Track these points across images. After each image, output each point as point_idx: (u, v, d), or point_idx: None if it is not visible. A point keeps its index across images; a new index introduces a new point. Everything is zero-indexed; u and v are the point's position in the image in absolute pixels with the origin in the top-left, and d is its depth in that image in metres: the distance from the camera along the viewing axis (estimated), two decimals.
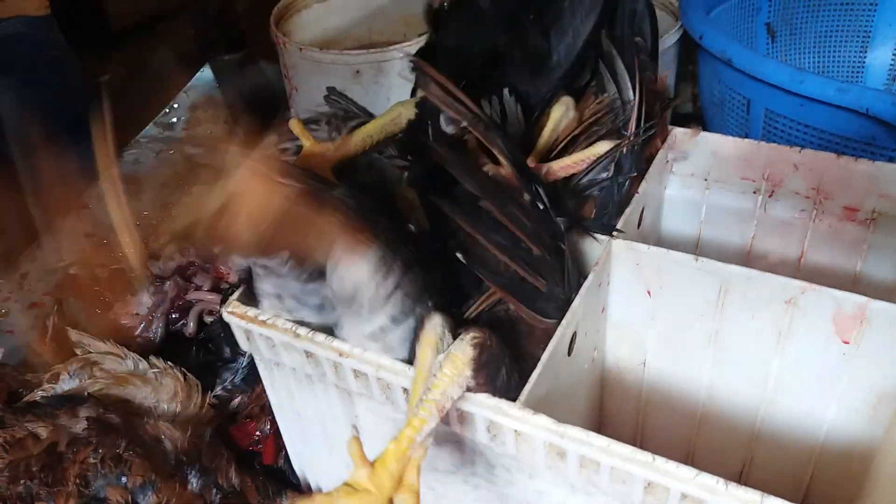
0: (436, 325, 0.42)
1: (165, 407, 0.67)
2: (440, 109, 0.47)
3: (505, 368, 0.42)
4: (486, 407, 0.41)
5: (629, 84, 0.55)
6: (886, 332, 0.46)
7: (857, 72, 1.06)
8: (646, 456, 0.37)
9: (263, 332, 0.48)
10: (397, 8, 1.10)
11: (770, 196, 0.62)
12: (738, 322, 0.51)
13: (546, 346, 0.44)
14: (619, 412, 0.60)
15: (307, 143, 0.51)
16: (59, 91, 1.24)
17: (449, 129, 0.50)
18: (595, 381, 0.58)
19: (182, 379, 0.69)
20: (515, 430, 0.41)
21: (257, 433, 0.64)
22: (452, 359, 0.40)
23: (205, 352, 0.75)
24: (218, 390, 0.70)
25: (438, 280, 0.45)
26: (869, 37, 1.05)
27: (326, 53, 0.89)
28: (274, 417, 0.61)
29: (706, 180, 0.63)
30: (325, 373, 0.47)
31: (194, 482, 0.57)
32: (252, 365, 0.69)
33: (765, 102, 0.74)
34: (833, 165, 0.58)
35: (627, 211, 0.54)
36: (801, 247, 0.62)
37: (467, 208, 0.45)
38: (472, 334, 0.41)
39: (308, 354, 0.47)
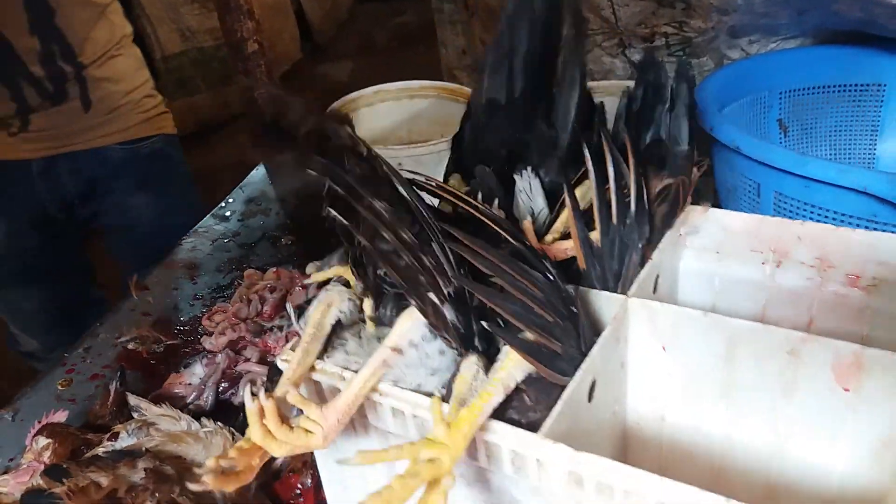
0: (472, 362, 0.48)
1: None
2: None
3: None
4: (510, 438, 0.46)
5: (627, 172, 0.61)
6: (883, 379, 0.50)
7: (869, 163, 1.12)
8: (654, 478, 0.41)
9: (314, 376, 0.53)
10: (434, 112, 1.21)
11: (778, 266, 0.66)
12: (746, 374, 0.55)
13: None
14: (641, 467, 0.63)
15: None
16: (186, 204, 1.38)
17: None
18: (618, 435, 0.61)
19: (231, 438, 0.74)
20: (537, 460, 0.45)
21: (299, 486, 0.68)
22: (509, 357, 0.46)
23: None
24: None
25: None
26: (878, 129, 1.12)
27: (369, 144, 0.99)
28: (315, 471, 0.66)
29: (718, 253, 0.69)
30: (365, 413, 0.52)
31: None
32: None
33: (773, 186, 0.80)
34: (833, 236, 0.63)
35: (641, 275, 0.59)
36: (809, 313, 0.66)
37: (484, 282, 0.51)
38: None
39: None
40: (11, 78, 1.22)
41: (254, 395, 0.49)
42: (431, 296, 0.47)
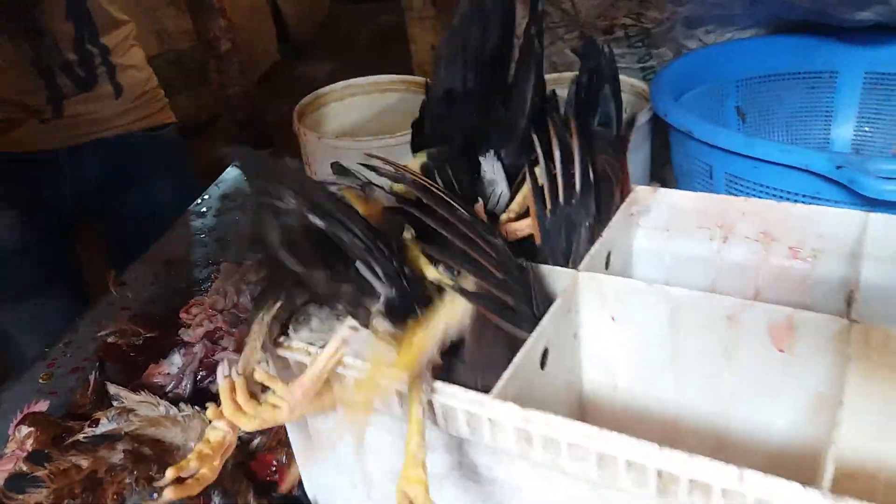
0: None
1: (192, 445, 0.74)
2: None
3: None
4: (464, 400, 0.49)
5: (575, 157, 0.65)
6: (814, 339, 0.53)
7: (824, 147, 1.16)
8: (593, 429, 0.44)
9: (281, 353, 0.56)
10: (404, 106, 1.24)
11: (724, 241, 0.70)
12: (690, 340, 0.58)
13: None
14: None
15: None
16: (198, 190, 1.40)
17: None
18: (574, 403, 0.64)
19: (208, 422, 0.77)
20: (490, 419, 0.48)
21: (274, 463, 0.71)
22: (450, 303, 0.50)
23: None
24: (240, 432, 0.78)
25: None
26: (831, 115, 1.16)
27: (341, 140, 1.02)
28: (290, 449, 0.69)
29: (668, 231, 0.72)
30: (332, 387, 0.55)
31: (216, 500, 0.64)
32: None
33: (724, 167, 0.84)
34: (774, 210, 0.67)
35: (591, 251, 0.63)
36: (755, 285, 0.70)
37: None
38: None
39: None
40: (48, 67, 1.24)
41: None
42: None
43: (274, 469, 0.71)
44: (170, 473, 0.49)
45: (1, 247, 1.31)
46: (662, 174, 1.08)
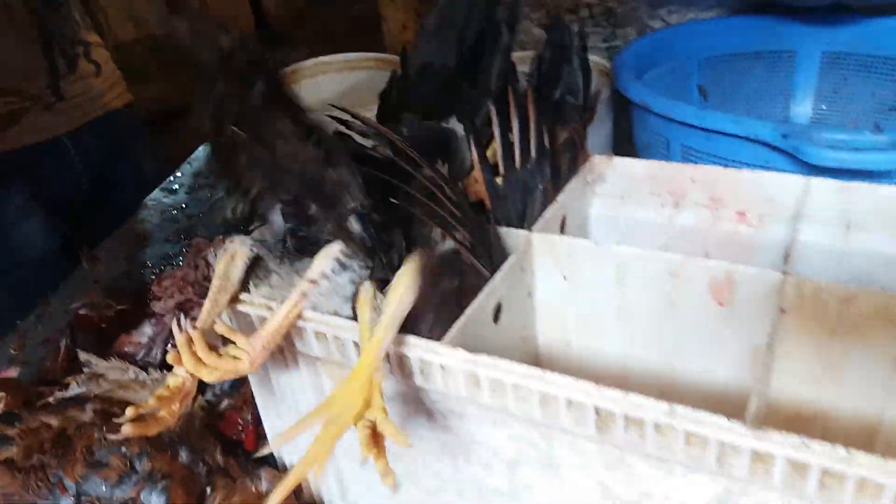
0: (368, 288, 0.54)
1: None
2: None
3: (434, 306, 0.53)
4: (417, 348, 0.51)
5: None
6: (750, 293, 0.56)
7: (786, 123, 1.20)
8: (535, 370, 0.47)
9: (241, 309, 0.58)
10: (374, 83, 1.26)
11: (675, 207, 0.73)
12: (636, 296, 0.61)
13: None
14: None
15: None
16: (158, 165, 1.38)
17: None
18: (530, 360, 0.67)
19: None
20: (441, 365, 0.51)
21: (240, 422, 0.73)
22: (399, 278, 0.51)
23: None
24: (208, 396, 0.80)
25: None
26: (790, 93, 1.20)
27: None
28: (255, 407, 0.71)
29: (622, 198, 0.75)
30: (293, 340, 0.57)
31: (184, 456, 0.66)
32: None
33: (680, 139, 0.87)
34: (723, 176, 0.70)
35: (546, 214, 0.65)
36: (705, 249, 0.73)
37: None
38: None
39: None
40: (49, 45, 1.22)
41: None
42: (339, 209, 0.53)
43: (241, 428, 0.73)
44: (129, 411, 0.51)
45: (26, 247, 1.28)
46: (625, 151, 1.11)
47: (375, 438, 0.48)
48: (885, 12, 1.12)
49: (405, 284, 0.52)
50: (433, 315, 0.54)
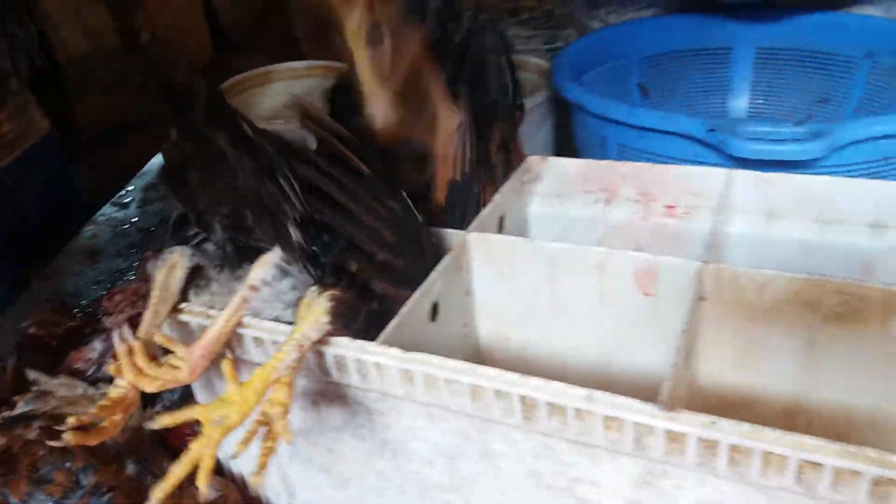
0: (313, 290, 0.55)
1: None
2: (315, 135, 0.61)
3: (364, 318, 0.54)
4: (353, 348, 0.53)
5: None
6: (673, 282, 0.59)
7: (722, 119, 1.23)
8: (466, 364, 0.48)
9: (181, 318, 0.59)
10: (323, 90, 1.27)
11: (608, 204, 0.75)
12: (567, 290, 0.63)
13: None
14: None
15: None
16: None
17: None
18: (472, 357, 0.69)
19: None
20: (376, 364, 0.52)
21: (187, 430, 0.74)
22: (312, 310, 0.52)
23: None
24: (158, 407, 0.80)
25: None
26: (728, 90, 1.24)
27: (258, 122, 1.04)
28: None
29: (559, 196, 0.77)
30: (233, 347, 0.58)
31: (131, 468, 0.66)
32: (187, 385, 0.79)
33: (615, 138, 0.90)
34: (651, 172, 0.72)
35: (482, 215, 0.67)
36: (637, 242, 0.75)
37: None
38: (329, 292, 0.53)
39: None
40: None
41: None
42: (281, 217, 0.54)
43: (188, 438, 0.74)
44: (70, 420, 0.52)
45: None
46: (570, 153, 1.13)
47: (269, 434, 0.50)
48: (815, 8, 1.17)
49: (311, 321, 0.52)
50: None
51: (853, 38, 1.13)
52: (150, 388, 0.56)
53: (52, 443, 0.53)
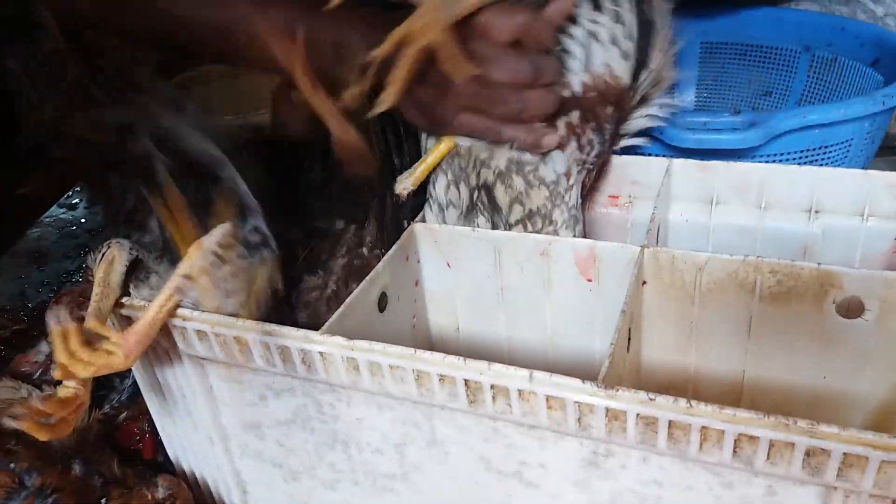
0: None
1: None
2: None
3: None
4: (297, 338, 0.52)
5: None
6: (613, 267, 0.60)
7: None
8: (409, 350, 0.49)
9: (123, 312, 0.58)
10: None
11: None
12: (513, 277, 0.64)
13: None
14: None
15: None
16: None
17: None
18: (425, 346, 0.69)
19: None
20: (321, 353, 0.52)
21: (136, 431, 0.73)
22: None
23: (95, 380, 0.83)
24: (106, 408, 0.79)
25: None
26: (674, 84, 1.26)
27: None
28: (152, 418, 0.70)
29: None
30: (176, 342, 0.58)
31: (77, 469, 0.65)
32: (135, 385, 0.78)
33: None
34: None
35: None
36: (582, 232, 0.76)
37: None
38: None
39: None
40: None
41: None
42: None
43: (137, 438, 0.73)
44: (28, 404, 0.51)
45: None
46: None
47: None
48: (756, 3, 1.20)
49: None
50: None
51: (792, 32, 1.17)
52: (85, 373, 0.54)
53: (7, 421, 0.51)
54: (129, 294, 0.59)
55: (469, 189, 0.63)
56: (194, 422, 0.65)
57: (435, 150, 0.62)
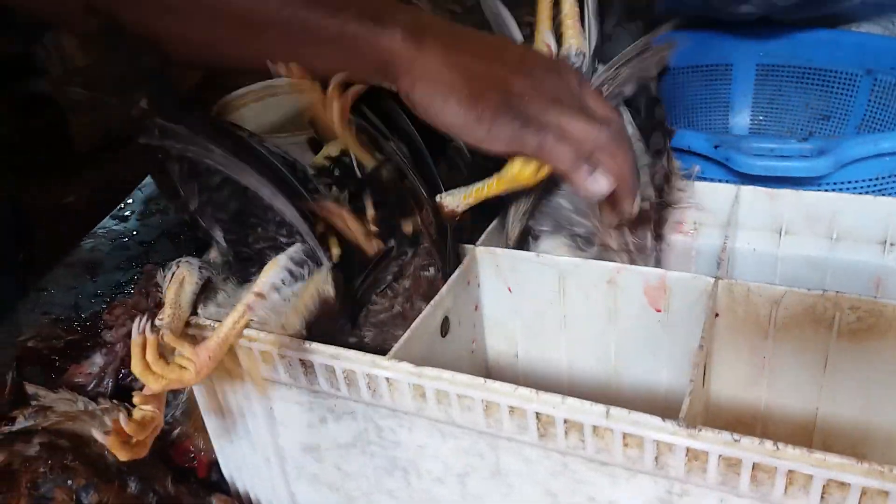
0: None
1: None
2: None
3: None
4: (364, 363, 0.52)
5: None
6: (684, 298, 0.58)
7: (724, 134, 1.24)
8: (479, 380, 0.48)
9: (190, 332, 0.58)
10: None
11: None
12: (577, 305, 0.63)
13: None
14: None
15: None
16: None
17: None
18: (481, 372, 0.68)
19: (127, 413, 0.78)
20: (387, 379, 0.51)
21: (191, 448, 0.73)
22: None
23: None
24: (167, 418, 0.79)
25: None
26: (729, 106, 1.24)
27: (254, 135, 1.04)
28: (207, 436, 0.70)
29: None
30: (240, 362, 0.58)
31: (133, 486, 0.65)
32: (189, 400, 0.78)
33: None
34: None
35: (488, 229, 0.67)
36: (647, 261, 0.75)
37: None
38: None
39: None
40: None
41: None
42: None
43: (192, 456, 0.73)
44: (115, 424, 0.52)
45: None
46: None
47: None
48: (815, 25, 1.18)
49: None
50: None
51: (853, 55, 1.14)
52: (156, 385, 0.54)
53: (97, 434, 0.52)
54: (196, 313, 0.59)
55: None
56: (252, 442, 0.65)
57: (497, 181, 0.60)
